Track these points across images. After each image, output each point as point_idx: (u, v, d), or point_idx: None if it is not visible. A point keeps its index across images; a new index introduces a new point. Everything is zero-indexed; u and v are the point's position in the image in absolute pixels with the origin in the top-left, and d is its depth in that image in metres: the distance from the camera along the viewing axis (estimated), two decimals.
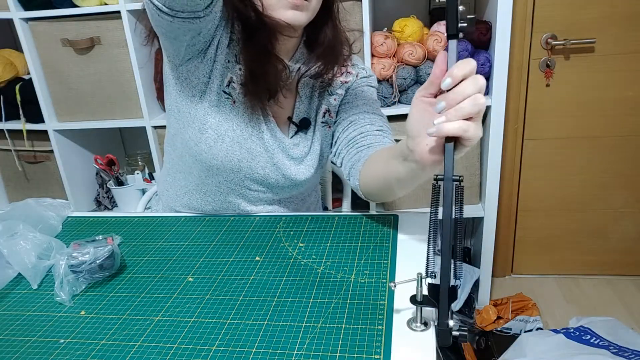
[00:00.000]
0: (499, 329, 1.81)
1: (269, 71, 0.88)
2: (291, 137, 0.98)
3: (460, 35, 0.59)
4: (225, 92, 0.91)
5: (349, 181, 0.96)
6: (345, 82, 1.00)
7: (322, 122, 1.00)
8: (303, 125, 0.98)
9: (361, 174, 0.90)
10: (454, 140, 0.60)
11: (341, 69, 1.00)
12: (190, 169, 0.99)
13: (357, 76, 1.02)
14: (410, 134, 0.67)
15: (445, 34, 0.66)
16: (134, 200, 1.91)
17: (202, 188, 1.00)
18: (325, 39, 0.93)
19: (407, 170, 0.72)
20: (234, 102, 0.91)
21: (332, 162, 1.04)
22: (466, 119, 0.58)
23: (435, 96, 0.66)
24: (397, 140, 1.87)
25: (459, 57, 0.59)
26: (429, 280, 0.61)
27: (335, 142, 1.00)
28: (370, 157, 0.88)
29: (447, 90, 0.59)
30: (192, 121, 0.92)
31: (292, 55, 0.94)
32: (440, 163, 0.63)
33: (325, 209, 1.63)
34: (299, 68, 0.95)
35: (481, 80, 0.59)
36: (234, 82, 0.91)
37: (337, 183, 1.47)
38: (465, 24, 0.59)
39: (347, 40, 0.98)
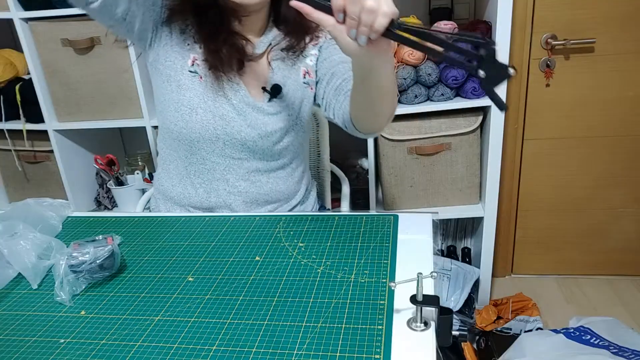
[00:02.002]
0: (499, 329, 1.81)
1: (226, 47, 0.94)
2: (267, 102, 1.01)
3: None
4: (191, 72, 0.97)
5: (345, 127, 0.99)
6: (317, 44, 1.05)
7: (304, 83, 1.04)
8: (274, 92, 1.01)
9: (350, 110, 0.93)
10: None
11: (313, 38, 1.04)
12: (177, 153, 1.04)
13: (326, 37, 1.05)
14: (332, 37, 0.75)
15: None
16: (134, 200, 1.91)
17: (190, 169, 1.04)
18: (290, 14, 0.98)
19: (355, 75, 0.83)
20: (201, 77, 0.97)
21: (327, 118, 1.09)
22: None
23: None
24: (398, 141, 1.85)
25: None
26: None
27: (323, 97, 1.03)
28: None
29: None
30: (169, 104, 0.98)
31: (264, 32, 1.00)
32: (361, 52, 0.73)
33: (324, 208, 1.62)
34: (270, 43, 1.00)
35: None
36: (197, 61, 0.97)
37: (337, 183, 1.47)
38: None
39: None
